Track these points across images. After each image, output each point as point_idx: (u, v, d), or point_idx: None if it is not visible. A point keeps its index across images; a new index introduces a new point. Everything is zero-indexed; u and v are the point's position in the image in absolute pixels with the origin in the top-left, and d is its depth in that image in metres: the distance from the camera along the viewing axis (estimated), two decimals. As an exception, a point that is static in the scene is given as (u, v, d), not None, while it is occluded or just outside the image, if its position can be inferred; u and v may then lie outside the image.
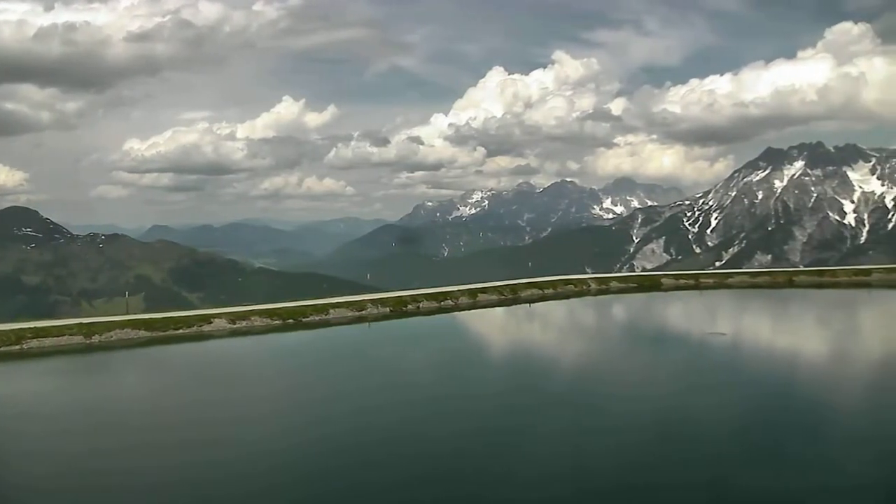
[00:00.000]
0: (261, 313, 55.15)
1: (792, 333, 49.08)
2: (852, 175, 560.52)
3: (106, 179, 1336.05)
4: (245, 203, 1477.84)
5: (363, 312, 58.51)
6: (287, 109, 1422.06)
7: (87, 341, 47.51)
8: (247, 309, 56.73)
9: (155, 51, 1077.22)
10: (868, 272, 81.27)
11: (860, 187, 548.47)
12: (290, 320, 54.76)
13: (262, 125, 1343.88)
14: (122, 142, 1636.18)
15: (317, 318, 56.02)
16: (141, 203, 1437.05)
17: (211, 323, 52.60)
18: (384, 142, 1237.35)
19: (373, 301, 60.86)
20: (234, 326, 52.77)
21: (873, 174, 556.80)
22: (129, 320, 52.64)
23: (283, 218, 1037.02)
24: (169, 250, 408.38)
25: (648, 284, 79.85)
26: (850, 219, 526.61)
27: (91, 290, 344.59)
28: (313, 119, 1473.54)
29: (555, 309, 66.45)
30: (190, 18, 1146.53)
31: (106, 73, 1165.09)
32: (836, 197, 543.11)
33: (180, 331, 51.13)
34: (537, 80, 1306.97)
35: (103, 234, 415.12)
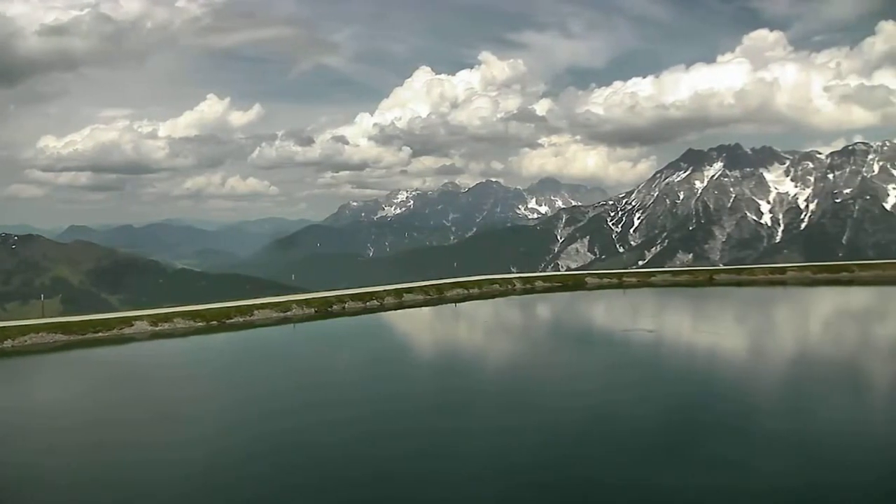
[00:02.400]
0: (183, 315, 54.17)
1: (713, 331, 50.20)
2: (768, 176, 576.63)
3: (19, 178, 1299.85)
4: (167, 203, 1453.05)
5: (288, 313, 57.99)
6: (211, 108, 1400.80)
7: None
8: (169, 311, 55.60)
9: (72, 45, 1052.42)
10: (783, 270, 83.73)
11: (775, 188, 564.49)
12: (214, 322, 53.96)
13: (184, 124, 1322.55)
14: (37, 139, 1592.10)
15: (241, 320, 55.30)
16: (57, 203, 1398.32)
17: (132, 325, 51.52)
18: (309, 141, 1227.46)
19: (298, 302, 60.34)
20: (156, 329, 51.78)
21: (787, 176, 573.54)
22: (44, 324, 51.03)
23: (206, 218, 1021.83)
24: (87, 251, 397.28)
25: (573, 283, 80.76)
26: (766, 219, 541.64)
27: (3, 292, 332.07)
28: (238, 118, 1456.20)
29: (481, 308, 66.80)
30: (109, 13, 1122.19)
31: (18, 67, 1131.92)
32: (754, 197, 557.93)
33: (99, 334, 49.96)
34: (464, 81, 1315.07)
35: (16, 235, 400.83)
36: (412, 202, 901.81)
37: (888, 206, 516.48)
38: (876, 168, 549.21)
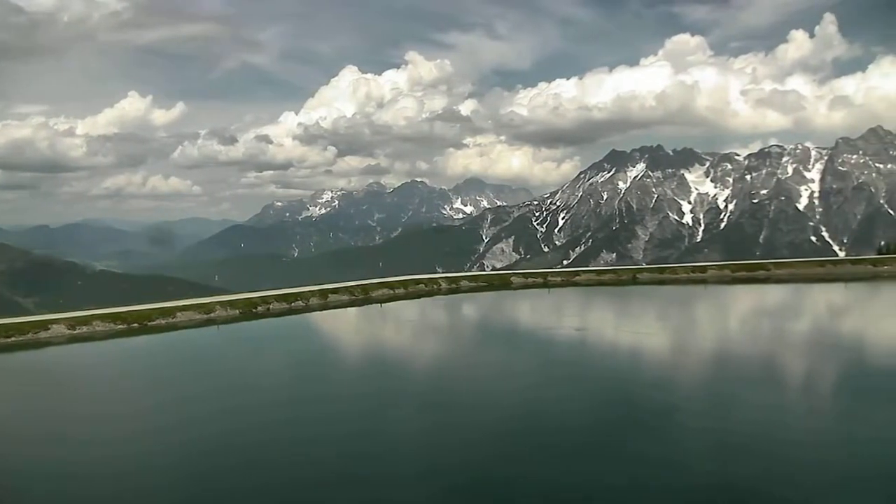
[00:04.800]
0: (103, 318, 52.81)
1: (637, 329, 50.99)
2: (689, 177, 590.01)
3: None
4: (85, 202, 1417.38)
5: (211, 315, 57.08)
6: (132, 105, 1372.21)
7: None
8: (87, 314, 54.14)
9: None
10: (704, 269, 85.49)
11: (696, 189, 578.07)
12: (135, 325, 52.81)
13: (104, 121, 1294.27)
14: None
15: (163, 322, 54.22)
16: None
17: (48, 329, 50.04)
18: (232, 140, 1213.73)
19: (221, 303, 59.43)
20: (74, 332, 50.40)
21: (707, 177, 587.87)
22: (-45, 328, 49.36)
23: (126, 218, 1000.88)
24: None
25: (498, 283, 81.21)
26: (687, 218, 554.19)
27: None
28: (160, 116, 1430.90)
29: (407, 308, 66.71)
30: (21, 4, 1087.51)
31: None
32: (675, 198, 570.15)
33: (12, 338, 48.41)
34: (390, 81, 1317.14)
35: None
36: (337, 202, 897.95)
37: (801, 207, 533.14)
38: (790, 170, 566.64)
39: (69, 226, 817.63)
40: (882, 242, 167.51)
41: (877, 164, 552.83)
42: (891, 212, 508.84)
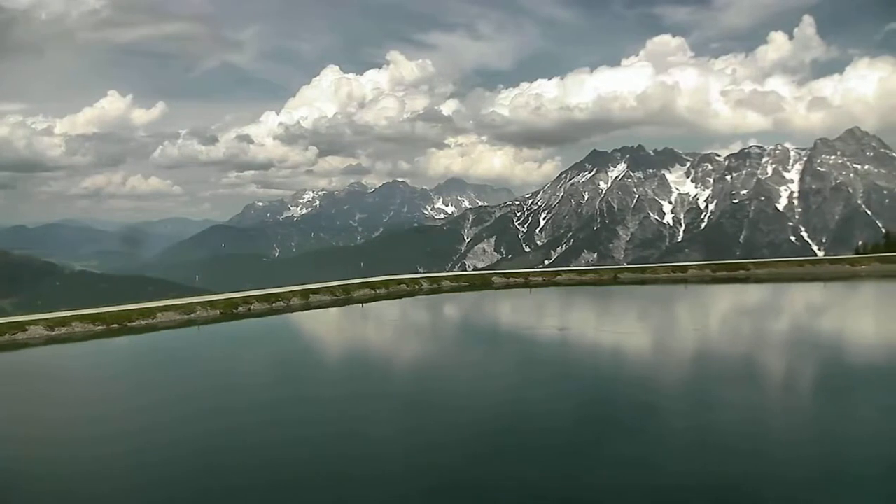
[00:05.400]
0: (82, 319, 52.31)
1: (618, 328, 51.15)
2: (670, 177, 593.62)
3: None
4: (64, 202, 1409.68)
5: (192, 315, 56.73)
6: (112, 105, 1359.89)
7: None
8: (66, 314, 53.60)
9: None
10: (685, 269, 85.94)
11: (677, 189, 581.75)
12: (115, 325, 52.35)
13: (83, 121, 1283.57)
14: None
15: (143, 323, 53.79)
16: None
17: (26, 330, 49.50)
18: (213, 140, 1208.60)
19: (202, 304, 59.08)
20: (53, 333, 49.90)
21: (688, 177, 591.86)
22: (-70, 329, 48.81)
23: (106, 218, 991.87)
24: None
25: (480, 283, 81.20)
26: (668, 218, 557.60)
27: None
28: (140, 116, 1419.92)
29: (388, 309, 66.65)
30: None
31: None
32: (656, 198, 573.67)
33: (-10, 340, 47.97)
34: (372, 80, 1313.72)
35: None
36: (318, 202, 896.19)
37: (780, 207, 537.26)
38: (769, 170, 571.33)
39: (48, 226, 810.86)
40: (860, 242, 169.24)
41: (854, 165, 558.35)
42: (868, 212, 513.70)
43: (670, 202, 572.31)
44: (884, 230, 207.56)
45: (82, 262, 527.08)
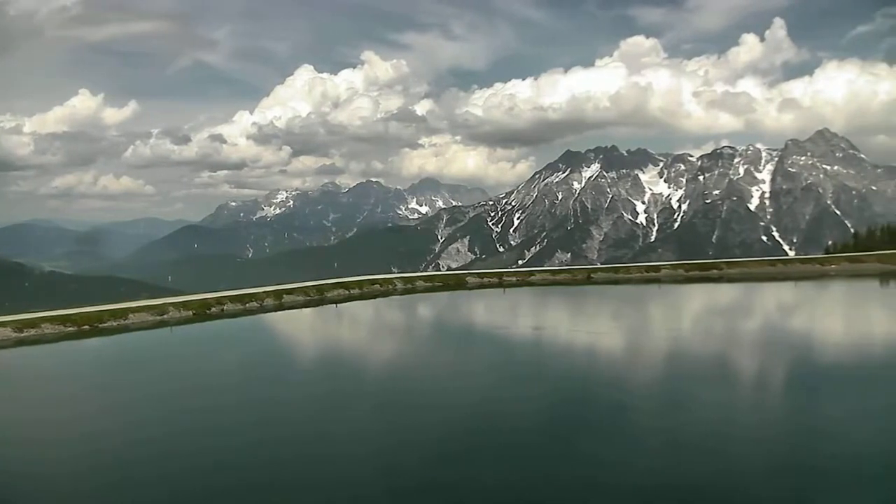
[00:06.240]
0: (52, 320, 51.75)
1: (592, 328, 51.35)
2: (643, 177, 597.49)
3: None
4: (33, 202, 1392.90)
5: (165, 316, 56.32)
6: (83, 103, 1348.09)
7: None
8: (36, 316, 53.03)
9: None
10: (658, 269, 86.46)
11: (650, 189, 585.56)
12: (86, 327, 51.87)
13: (53, 119, 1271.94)
14: None
15: (115, 324, 53.33)
16: None
17: (-6, 332, 48.99)
18: (186, 140, 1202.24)
19: (175, 304, 58.66)
20: (22, 335, 49.30)
21: (661, 177, 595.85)
22: None
23: (76, 218, 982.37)
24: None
25: (454, 283, 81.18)
26: (641, 218, 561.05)
27: None
28: (112, 115, 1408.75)
29: (362, 309, 66.52)
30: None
31: None
32: (630, 198, 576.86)
33: (-44, 342, 47.32)
34: (346, 80, 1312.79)
35: None
36: (292, 202, 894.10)
37: (752, 207, 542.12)
38: (741, 171, 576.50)
39: (17, 226, 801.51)
40: (829, 242, 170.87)
41: (824, 166, 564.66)
42: (837, 212, 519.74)
43: (643, 202, 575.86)
44: (852, 230, 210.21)
45: (52, 263, 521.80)
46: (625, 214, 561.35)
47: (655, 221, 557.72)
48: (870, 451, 21.97)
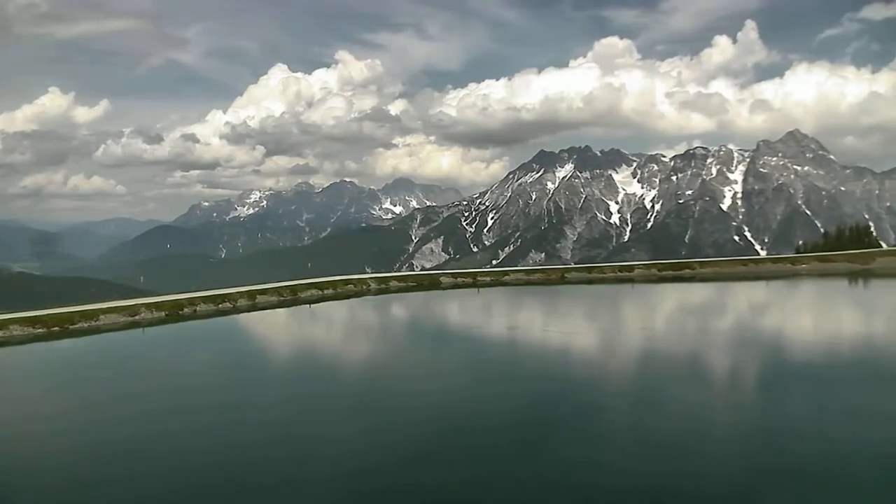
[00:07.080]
0: (21, 322, 51.16)
1: (565, 328, 51.51)
2: (616, 177, 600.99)
3: None
4: (1, 202, 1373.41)
5: (136, 317, 55.89)
6: (53, 102, 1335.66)
7: None
8: (4, 317, 52.40)
9: None
10: (631, 268, 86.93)
11: (623, 189, 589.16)
12: (56, 328, 51.34)
13: (22, 118, 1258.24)
14: None
15: (85, 325, 52.84)
16: None
17: (-38, 334, 48.36)
18: (158, 139, 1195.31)
19: (147, 305, 58.21)
20: (-10, 336, 48.80)
21: (634, 177, 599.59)
22: None
23: (46, 218, 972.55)
24: None
25: (428, 283, 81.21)
26: (615, 218, 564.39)
27: None
28: (83, 113, 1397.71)
29: (336, 309, 66.36)
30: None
31: None
32: (603, 198, 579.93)
33: (-76, 344, 46.70)
34: (320, 80, 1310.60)
35: None
36: (265, 202, 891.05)
37: (724, 207, 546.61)
38: (714, 171, 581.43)
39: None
40: (800, 242, 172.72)
41: (795, 167, 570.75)
42: (808, 212, 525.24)
43: (617, 202, 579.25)
44: (822, 230, 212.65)
45: (21, 264, 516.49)
46: (598, 214, 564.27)
47: (629, 221, 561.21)
48: (842, 450, 22.17)
